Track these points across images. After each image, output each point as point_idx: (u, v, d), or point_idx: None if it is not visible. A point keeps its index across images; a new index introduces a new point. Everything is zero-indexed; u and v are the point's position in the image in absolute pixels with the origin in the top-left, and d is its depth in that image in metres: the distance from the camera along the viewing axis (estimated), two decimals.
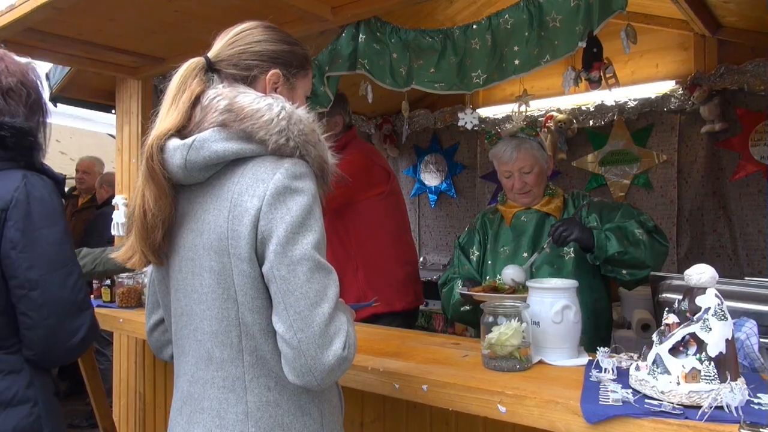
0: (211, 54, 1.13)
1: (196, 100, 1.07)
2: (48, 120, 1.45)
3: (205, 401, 1.06)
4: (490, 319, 1.48)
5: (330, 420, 1.11)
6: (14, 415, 1.23)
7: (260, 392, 1.04)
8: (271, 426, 1.03)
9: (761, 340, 1.40)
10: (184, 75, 1.08)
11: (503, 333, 1.43)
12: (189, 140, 1.03)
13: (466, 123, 2.46)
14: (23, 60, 1.44)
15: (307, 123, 1.07)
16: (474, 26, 2.20)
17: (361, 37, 2.32)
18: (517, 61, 2.09)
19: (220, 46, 1.14)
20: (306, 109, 1.09)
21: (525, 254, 2.09)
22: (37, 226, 1.27)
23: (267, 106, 1.04)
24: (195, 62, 1.10)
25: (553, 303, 1.51)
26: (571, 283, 1.57)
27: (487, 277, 2.13)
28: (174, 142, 1.04)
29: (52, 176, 1.37)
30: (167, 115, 1.06)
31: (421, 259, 4.82)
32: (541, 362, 1.50)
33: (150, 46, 2.70)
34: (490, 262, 2.17)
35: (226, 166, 1.04)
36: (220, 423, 1.04)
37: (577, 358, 1.51)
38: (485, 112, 4.45)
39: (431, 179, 4.85)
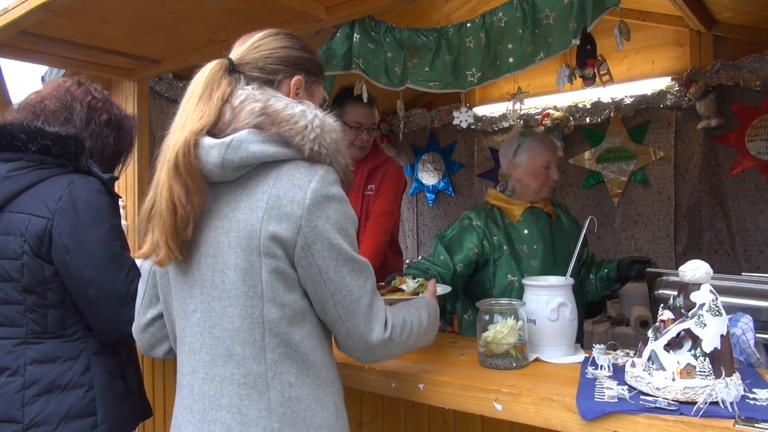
0: (233, 57, 1.14)
1: (225, 100, 1.08)
2: (129, 160, 1.64)
3: (224, 398, 1.06)
4: (487, 317, 1.49)
5: (342, 411, 1.16)
6: (69, 398, 1.34)
7: (282, 389, 1.06)
8: (294, 420, 1.06)
9: (757, 335, 1.40)
10: (211, 74, 1.09)
11: (499, 331, 1.44)
12: (227, 139, 1.04)
13: (461, 121, 2.47)
14: (129, 115, 1.64)
15: (338, 133, 1.11)
16: (468, 24, 2.20)
17: (356, 36, 2.32)
18: (511, 59, 2.09)
19: (242, 49, 1.16)
20: (333, 118, 1.13)
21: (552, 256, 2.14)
22: (85, 228, 1.35)
23: (301, 112, 1.07)
24: (219, 63, 1.11)
25: (549, 300, 1.51)
26: (566, 280, 1.57)
27: (509, 276, 2.09)
28: (209, 140, 1.05)
29: (99, 177, 1.44)
30: (196, 112, 1.06)
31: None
32: (537, 360, 1.50)
33: (145, 48, 2.69)
34: (513, 262, 2.10)
35: (257, 167, 1.07)
36: (242, 419, 1.05)
37: (574, 356, 1.51)
38: (481, 110, 4.46)
39: (429, 178, 4.85)
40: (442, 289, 1.65)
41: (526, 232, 2.13)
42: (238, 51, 1.16)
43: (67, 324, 1.38)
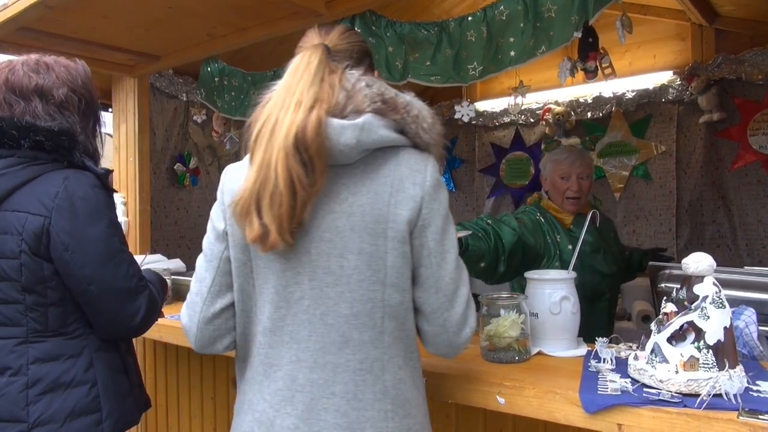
0: (328, 44, 1.12)
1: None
2: (102, 128, 1.54)
3: (337, 385, 1.04)
4: (489, 310, 1.48)
5: (424, 392, 1.18)
6: (74, 396, 1.34)
7: (394, 371, 1.07)
8: (402, 402, 1.07)
9: (760, 328, 1.39)
10: (320, 56, 1.07)
11: (501, 324, 1.43)
12: (359, 121, 1.02)
13: (462, 116, 2.46)
14: (73, 63, 1.47)
15: (440, 125, 1.14)
16: (469, 18, 2.19)
17: (356, 31, 2.31)
18: (512, 53, 2.09)
19: (331, 37, 1.14)
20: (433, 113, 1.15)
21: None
22: (83, 225, 1.33)
23: (410, 101, 1.09)
24: (321, 48, 1.08)
25: (551, 294, 1.51)
26: (569, 274, 1.57)
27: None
28: (339, 121, 1.02)
29: (94, 172, 1.42)
30: (310, 92, 1.02)
31: None
32: (540, 353, 1.50)
33: (145, 44, 2.69)
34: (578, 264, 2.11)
35: (373, 152, 1.06)
36: (357, 404, 1.04)
37: (576, 349, 1.51)
38: (483, 105, 4.45)
39: None
40: (464, 233, 1.66)
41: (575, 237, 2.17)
42: (328, 38, 1.14)
43: (68, 321, 1.37)
